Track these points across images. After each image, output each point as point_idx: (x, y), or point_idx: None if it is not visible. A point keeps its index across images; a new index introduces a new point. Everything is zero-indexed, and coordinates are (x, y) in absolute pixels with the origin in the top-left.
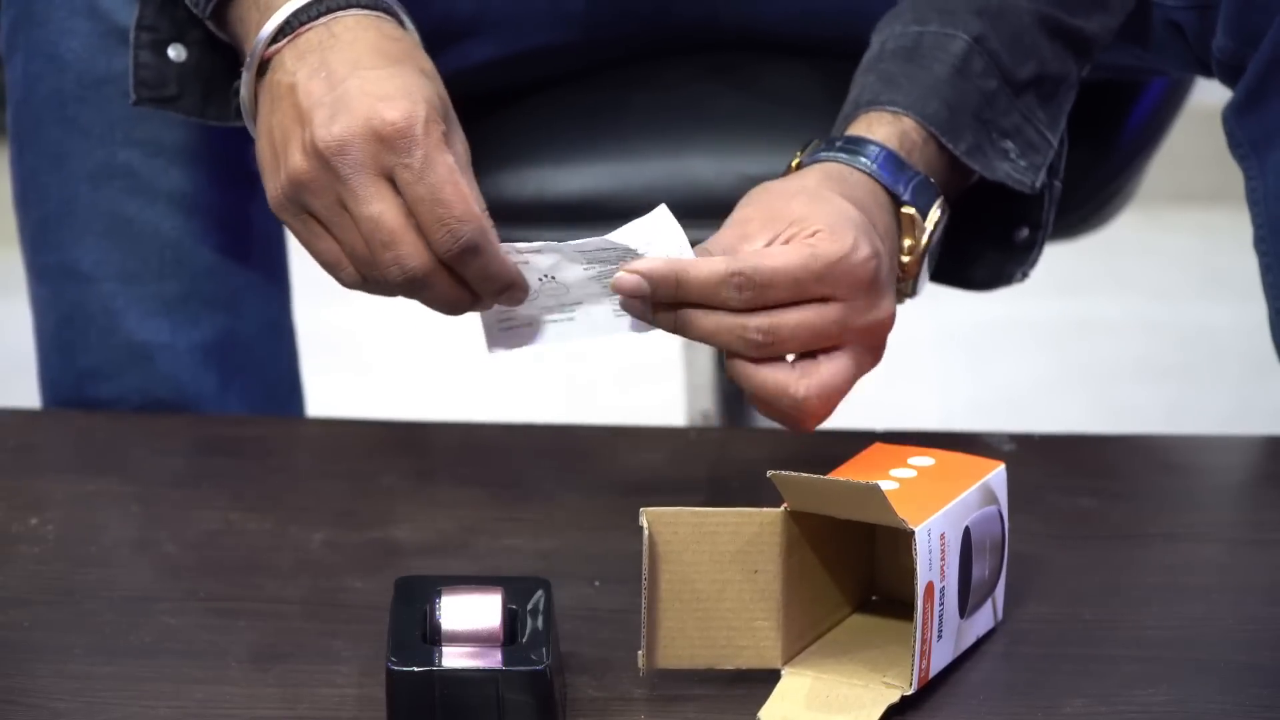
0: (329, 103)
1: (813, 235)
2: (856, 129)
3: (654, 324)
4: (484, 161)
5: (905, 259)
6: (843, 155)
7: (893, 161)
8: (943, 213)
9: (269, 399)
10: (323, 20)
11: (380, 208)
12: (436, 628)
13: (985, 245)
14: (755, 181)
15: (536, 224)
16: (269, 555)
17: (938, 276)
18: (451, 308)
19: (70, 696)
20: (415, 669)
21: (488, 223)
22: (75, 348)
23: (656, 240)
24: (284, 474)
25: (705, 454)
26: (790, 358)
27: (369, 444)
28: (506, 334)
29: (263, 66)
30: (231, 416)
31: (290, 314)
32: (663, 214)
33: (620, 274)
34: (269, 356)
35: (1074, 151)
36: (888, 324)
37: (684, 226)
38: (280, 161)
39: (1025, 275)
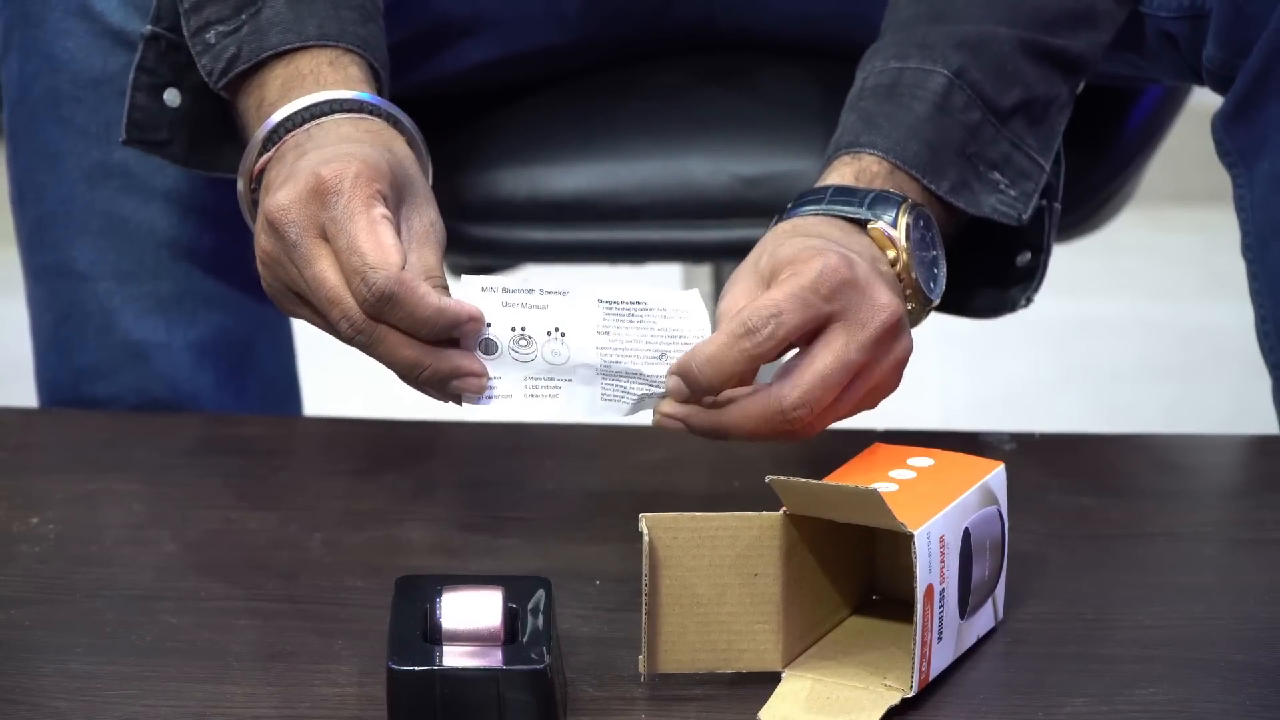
0: (281, 180)
1: (787, 273)
2: (825, 177)
3: (696, 433)
4: (479, 161)
5: (897, 269)
6: (795, 212)
7: (841, 192)
8: (914, 214)
9: (266, 398)
10: (305, 127)
11: (322, 266)
12: (437, 627)
13: (986, 272)
14: (749, 182)
15: (531, 222)
16: (270, 554)
17: (940, 306)
18: (409, 370)
19: (71, 696)
20: (416, 668)
21: (444, 292)
22: (72, 347)
23: (684, 323)
24: (285, 473)
25: (706, 453)
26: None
27: (369, 443)
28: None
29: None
30: (232, 416)
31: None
32: (695, 299)
33: (663, 406)
34: (266, 355)
35: (1074, 153)
36: (893, 317)
37: (678, 226)
38: (257, 246)
39: (1029, 301)
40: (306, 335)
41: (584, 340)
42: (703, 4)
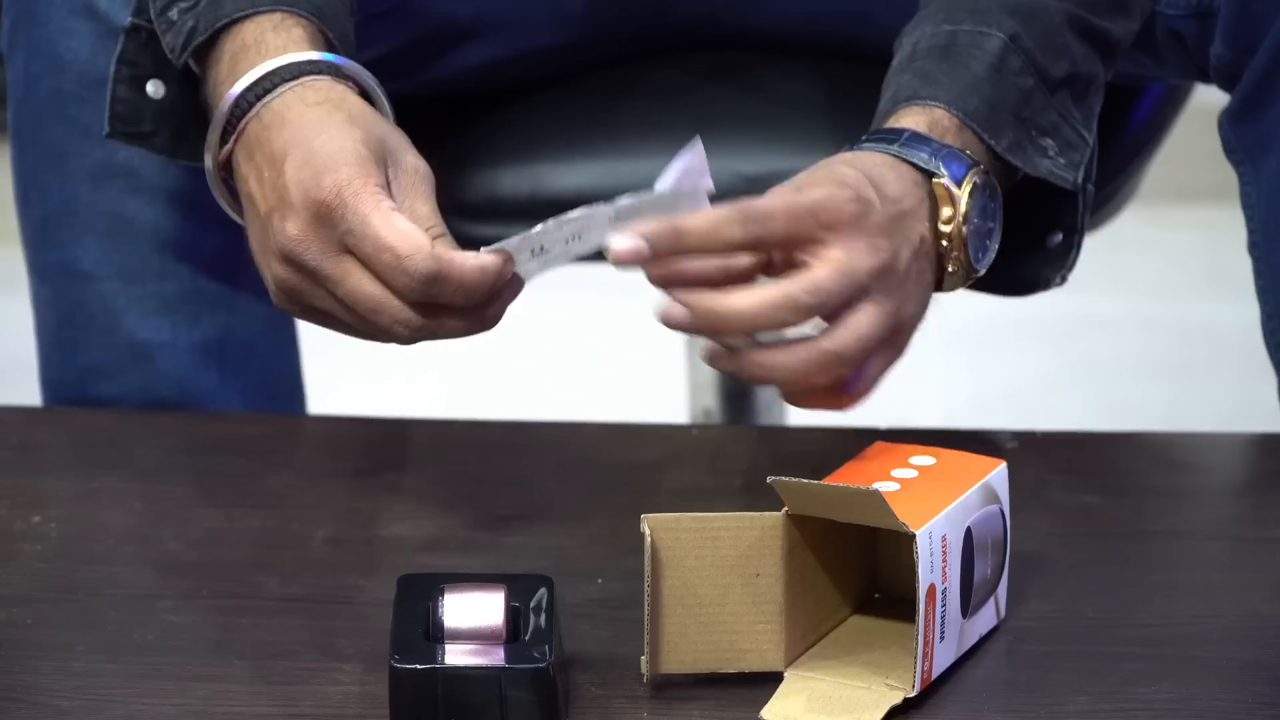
0: (275, 204)
1: (800, 181)
2: (895, 122)
3: (693, 328)
4: (480, 160)
5: (946, 229)
6: (867, 145)
7: (917, 139)
8: (982, 181)
9: (270, 398)
10: (254, 111)
11: (353, 282)
12: (439, 625)
13: (1021, 253)
14: (753, 181)
15: (532, 221)
16: (272, 553)
17: (977, 285)
18: (466, 334)
19: (73, 694)
20: (418, 666)
21: (446, 240)
22: (76, 346)
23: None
24: (287, 472)
25: (708, 452)
26: (807, 328)
27: (371, 442)
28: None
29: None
30: (234, 414)
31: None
32: (696, 150)
33: (613, 239)
34: (270, 355)
35: None
36: (896, 270)
37: None
38: (268, 272)
39: (1064, 279)
40: (311, 335)
41: (600, 234)
42: (705, 2)
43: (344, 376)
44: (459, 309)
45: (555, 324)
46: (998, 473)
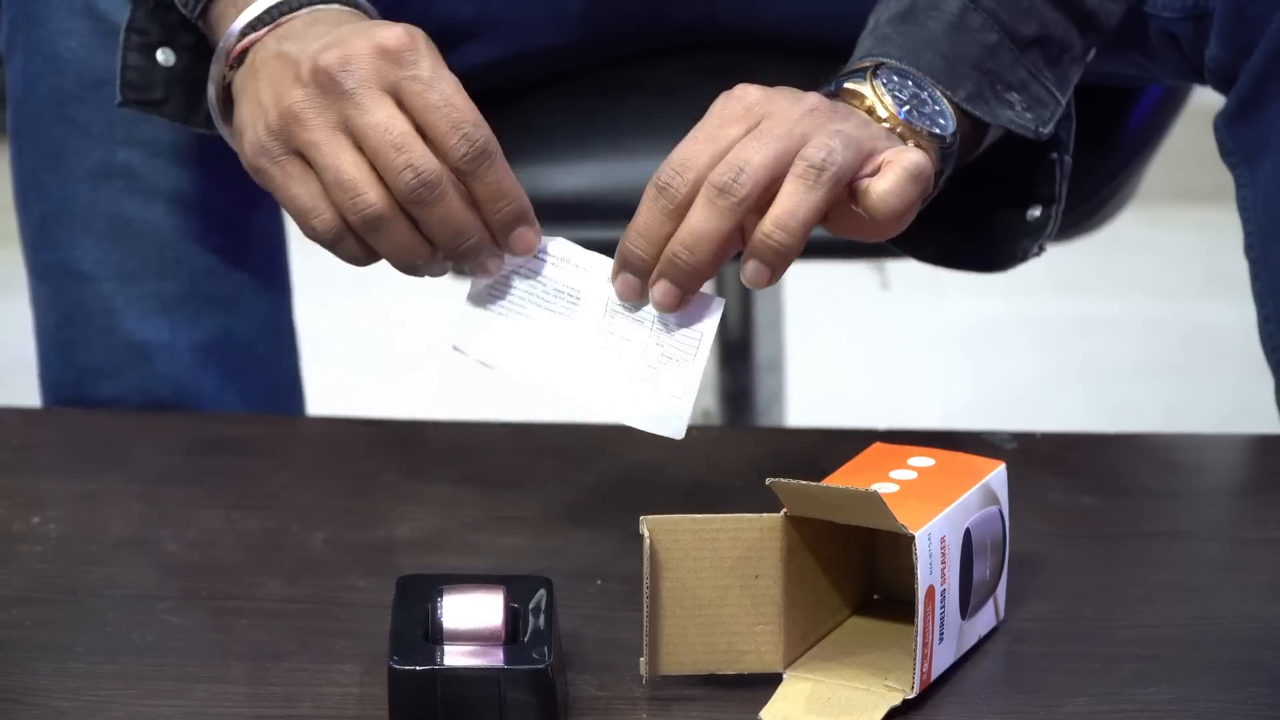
0: (325, 42)
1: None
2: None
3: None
4: None
5: (882, 116)
6: None
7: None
8: (886, 71)
9: (269, 399)
10: (305, 10)
11: (387, 114)
12: (438, 626)
13: (998, 226)
14: None
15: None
16: (271, 554)
17: (951, 261)
18: (455, 237)
19: (72, 695)
20: (417, 668)
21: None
22: (75, 347)
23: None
24: (286, 473)
25: (707, 452)
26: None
27: (370, 443)
28: (482, 328)
29: (240, 60)
30: (233, 415)
31: (291, 313)
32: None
33: (651, 293)
34: (269, 356)
35: (1075, 152)
36: (819, 98)
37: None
38: (267, 106)
39: (1041, 249)
40: (310, 336)
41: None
42: (704, 3)
43: (343, 377)
44: (467, 204)
45: None
46: (997, 474)
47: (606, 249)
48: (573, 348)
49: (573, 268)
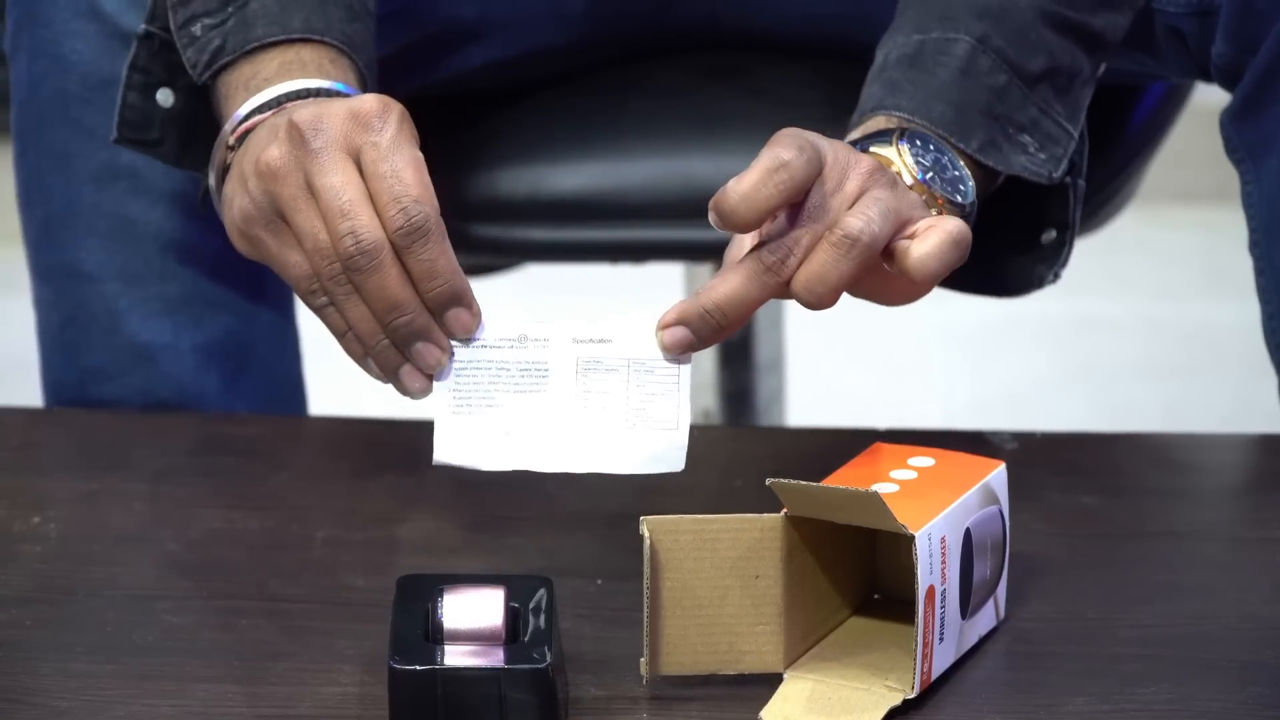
0: (304, 107)
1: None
2: (852, 135)
3: (703, 334)
4: (480, 160)
5: (908, 183)
6: None
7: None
8: (909, 136)
9: (272, 400)
10: (255, 121)
11: (342, 179)
12: (439, 626)
13: (1013, 251)
14: None
15: (532, 222)
16: (271, 554)
17: (964, 286)
18: (389, 311)
19: (72, 695)
20: (418, 668)
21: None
22: (78, 348)
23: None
24: (286, 472)
25: (707, 452)
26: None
27: (371, 442)
28: (459, 433)
29: (240, 141)
30: (234, 415)
31: (293, 314)
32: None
33: (661, 335)
34: (272, 357)
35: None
36: (874, 162)
37: (680, 225)
38: (247, 172)
39: (1057, 276)
40: (313, 338)
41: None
42: (705, 3)
43: (345, 379)
44: (405, 275)
45: None
46: (997, 474)
47: (606, 249)
48: (554, 420)
49: (531, 343)
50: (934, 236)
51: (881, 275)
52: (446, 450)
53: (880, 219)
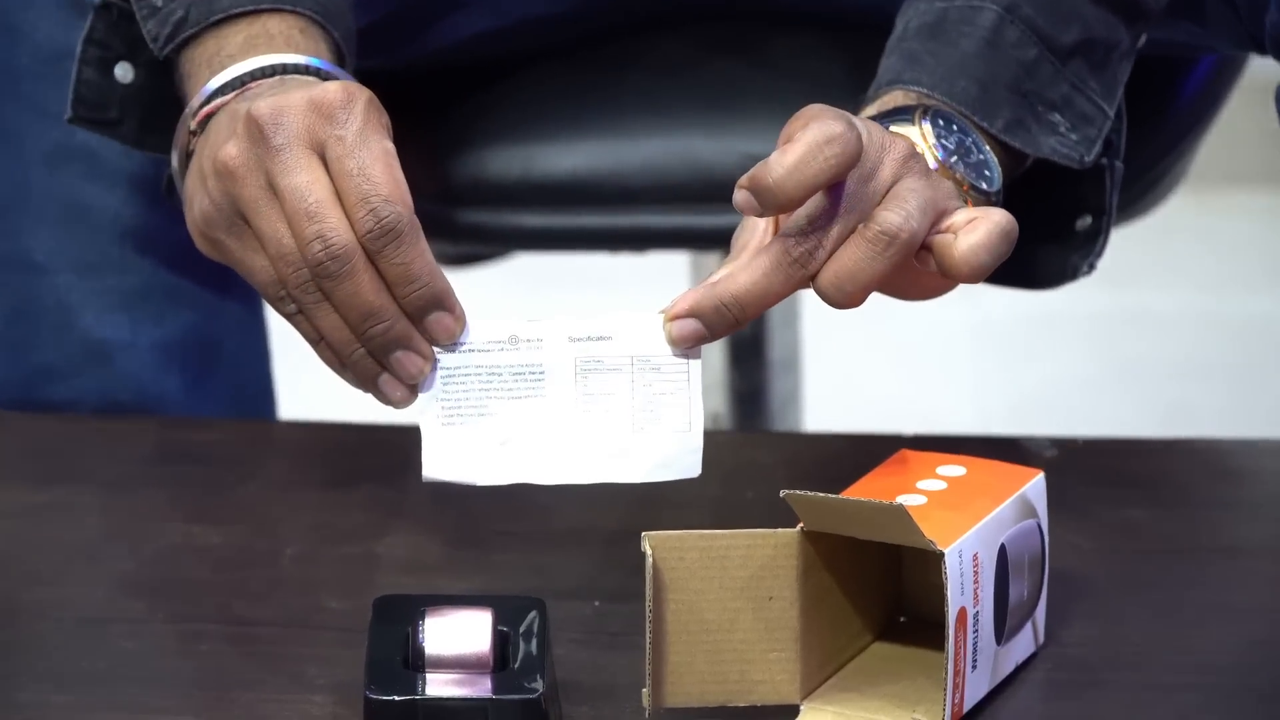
0: (263, 97)
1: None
2: (868, 111)
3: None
4: (467, 139)
5: (934, 165)
6: None
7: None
8: (931, 114)
9: (239, 402)
10: (277, 77)
11: (307, 178)
12: (419, 652)
13: (1044, 239)
14: (759, 161)
15: (522, 206)
16: (236, 572)
17: (993, 277)
18: (364, 319)
19: None
20: (396, 698)
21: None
22: (27, 345)
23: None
24: (253, 482)
25: (716, 459)
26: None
27: (346, 449)
28: (449, 446)
29: (204, 126)
30: (197, 419)
31: (263, 310)
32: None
33: (669, 327)
34: (239, 356)
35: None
36: (909, 146)
37: (684, 211)
38: (206, 171)
39: (1091, 268)
40: (284, 336)
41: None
42: None
43: (319, 380)
44: (380, 281)
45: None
46: (1034, 484)
47: (604, 237)
48: (553, 427)
49: (524, 344)
50: (981, 228)
51: (908, 270)
52: (436, 465)
53: (919, 213)
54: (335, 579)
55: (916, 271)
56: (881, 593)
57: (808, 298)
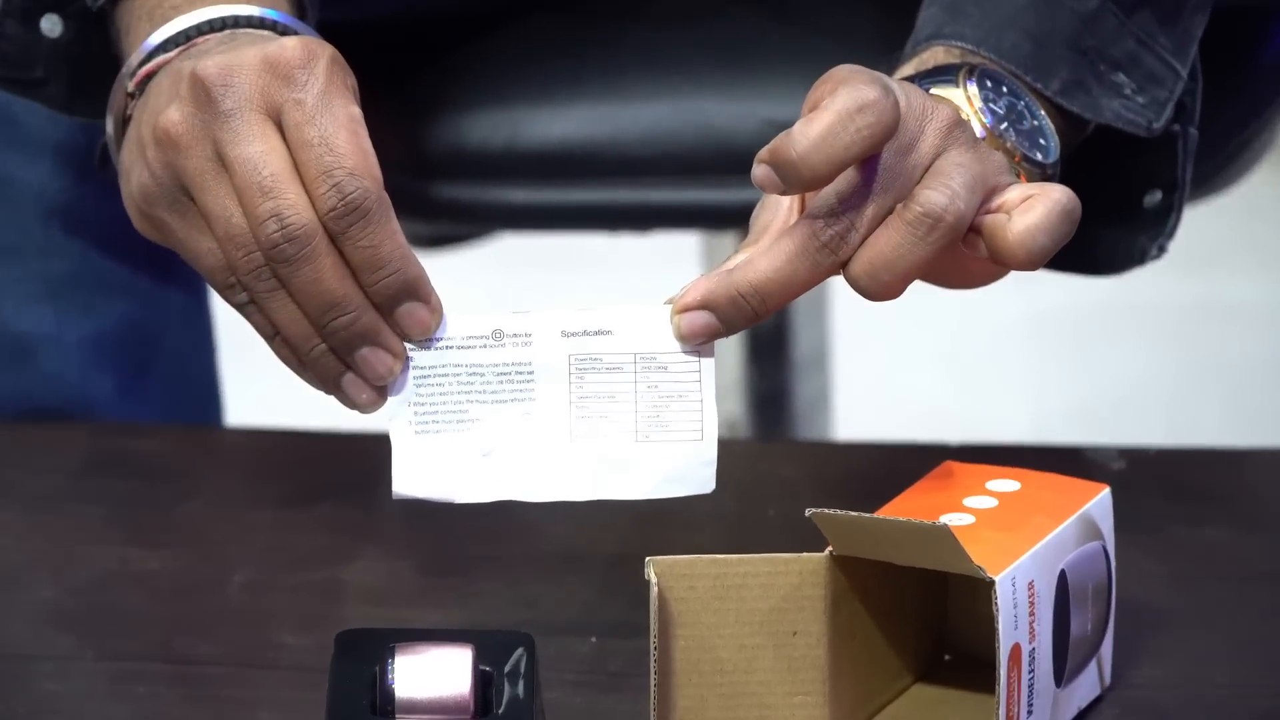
0: (210, 55)
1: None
2: (904, 71)
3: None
4: (446, 103)
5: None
6: None
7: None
8: (978, 74)
9: (180, 405)
10: (226, 31)
11: (261, 148)
12: (389, 695)
13: (1108, 218)
14: (781, 128)
15: (507, 180)
16: (177, 602)
17: (1050, 262)
18: (325, 310)
19: None
20: None
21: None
22: None
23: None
24: (197, 498)
25: (731, 472)
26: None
27: (305, 460)
28: (423, 457)
29: (143, 88)
30: (132, 425)
31: (208, 301)
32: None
33: (678, 320)
34: (181, 353)
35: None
36: (952, 113)
37: (694, 184)
38: (149, 136)
39: (1162, 250)
40: (233, 329)
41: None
42: None
43: (271, 378)
44: (345, 267)
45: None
46: (1099, 500)
47: (601, 215)
48: (543, 436)
49: (510, 340)
50: (1039, 206)
51: (954, 255)
52: (408, 480)
53: (966, 192)
54: (292, 611)
55: (963, 257)
56: (923, 627)
57: (838, 287)
